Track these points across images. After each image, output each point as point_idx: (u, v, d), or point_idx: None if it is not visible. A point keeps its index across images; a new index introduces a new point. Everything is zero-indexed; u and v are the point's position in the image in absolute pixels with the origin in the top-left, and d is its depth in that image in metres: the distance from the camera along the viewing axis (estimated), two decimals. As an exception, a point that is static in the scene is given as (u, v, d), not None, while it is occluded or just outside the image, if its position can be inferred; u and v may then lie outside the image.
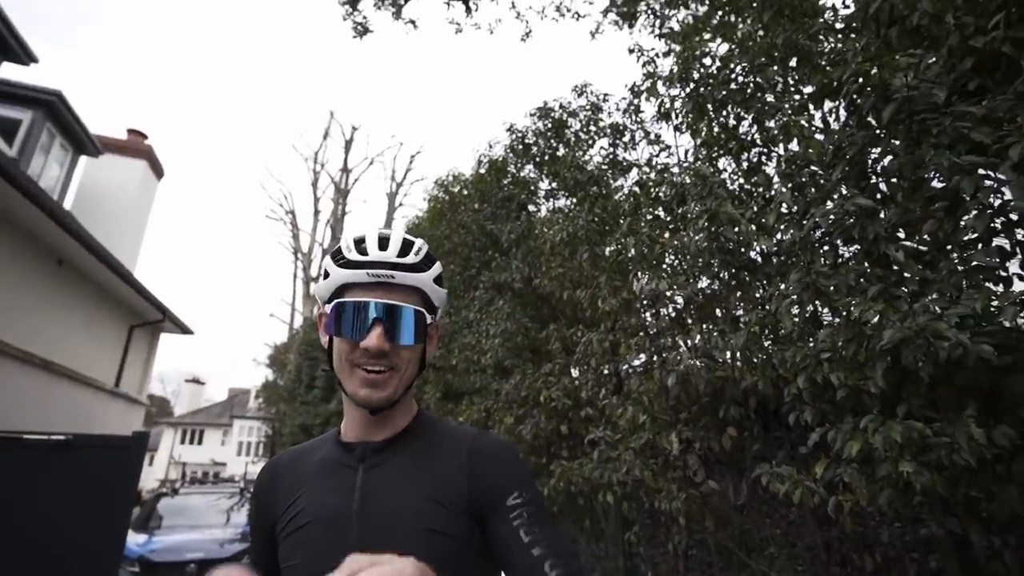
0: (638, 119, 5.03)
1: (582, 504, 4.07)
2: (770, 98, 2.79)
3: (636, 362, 3.55)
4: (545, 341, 4.13)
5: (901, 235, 2.07)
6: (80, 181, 10.18)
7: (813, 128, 2.49)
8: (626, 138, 5.20)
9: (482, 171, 6.03)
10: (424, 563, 0.72)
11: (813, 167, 2.26)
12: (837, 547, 2.69)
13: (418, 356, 0.86)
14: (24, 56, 7.38)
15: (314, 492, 0.81)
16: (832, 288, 2.05)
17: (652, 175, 3.94)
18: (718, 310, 3.13)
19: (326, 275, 0.86)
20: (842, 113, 2.48)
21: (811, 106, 2.63)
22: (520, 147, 5.68)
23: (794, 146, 2.61)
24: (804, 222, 2.27)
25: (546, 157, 5.55)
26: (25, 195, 6.09)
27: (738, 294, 2.92)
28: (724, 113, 3.05)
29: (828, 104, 2.63)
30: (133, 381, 10.71)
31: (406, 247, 0.85)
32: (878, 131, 2.13)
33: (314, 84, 65.34)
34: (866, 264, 2.07)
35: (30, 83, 8.16)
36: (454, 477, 0.79)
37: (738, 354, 2.76)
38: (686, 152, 4.03)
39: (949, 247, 1.89)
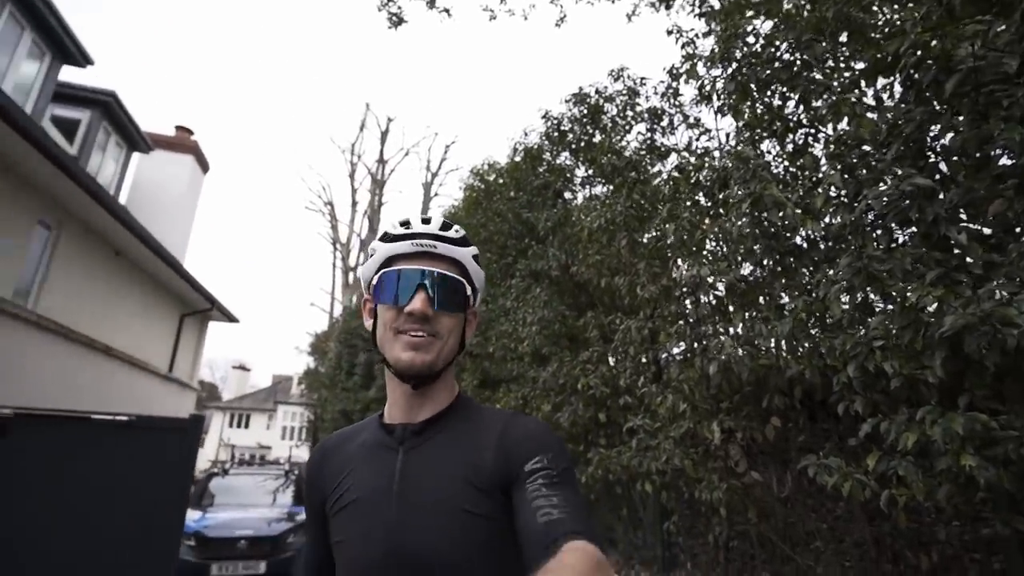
0: (677, 103, 4.90)
1: (619, 493, 4.05)
2: (818, 76, 2.66)
3: (676, 350, 3.49)
4: (582, 329, 4.11)
5: (963, 217, 1.96)
6: (133, 176, 10.65)
7: (865, 106, 2.37)
8: (664, 122, 5.07)
9: (517, 159, 6.00)
10: (459, 543, 0.73)
11: (865, 147, 2.15)
12: (889, 544, 2.59)
13: (459, 329, 0.87)
14: (81, 59, 7.73)
15: (358, 473, 0.84)
16: (886, 273, 1.95)
17: (692, 160, 3.84)
18: (761, 297, 3.04)
19: (371, 255, 0.90)
20: (897, 89, 2.35)
21: (863, 83, 2.50)
22: (555, 134, 5.63)
23: (844, 126, 2.49)
24: (855, 205, 2.17)
25: (582, 144, 5.49)
26: (86, 192, 6.44)
27: (783, 281, 2.83)
28: (768, 93, 2.93)
29: (882, 81, 2.49)
30: (185, 367, 11.24)
31: (447, 224, 0.90)
32: (939, 106, 2.01)
33: (350, 76, 66.38)
34: (924, 248, 1.96)
35: (87, 84, 8.56)
36: (485, 456, 0.79)
37: (783, 342, 2.68)
38: (727, 135, 3.91)
39: (1019, 229, 1.77)
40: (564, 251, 4.49)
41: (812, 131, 2.87)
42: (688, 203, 3.37)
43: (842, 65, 2.65)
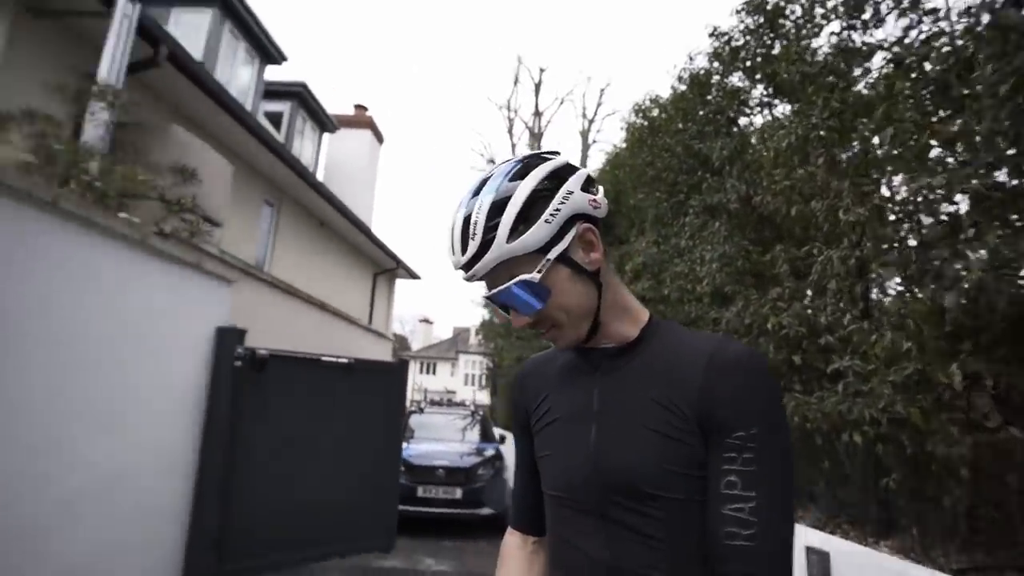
0: (888, -18, 3.98)
1: (820, 444, 3.66)
2: None
3: (892, 282, 2.96)
4: (769, 264, 3.69)
5: None
6: (326, 155, 12.20)
7: None
8: (867, 15, 4.18)
9: (683, 88, 5.50)
10: (658, 463, 0.74)
11: None
12: None
13: (570, 290, 0.78)
14: (279, 57, 8.91)
15: (558, 394, 0.89)
16: None
17: (914, 50, 3.10)
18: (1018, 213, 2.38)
19: None
20: None
21: None
22: (726, 52, 5.00)
23: None
24: None
25: (758, 59, 4.79)
26: (297, 174, 7.67)
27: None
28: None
29: None
30: (380, 320, 12.89)
31: (464, 236, 0.76)
32: None
33: (501, 32, 66.94)
34: None
35: (283, 79, 9.89)
36: (687, 384, 0.74)
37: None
38: (968, 9, 3.08)
39: None
40: (743, 181, 4.03)
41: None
42: (910, 102, 2.74)
43: None
